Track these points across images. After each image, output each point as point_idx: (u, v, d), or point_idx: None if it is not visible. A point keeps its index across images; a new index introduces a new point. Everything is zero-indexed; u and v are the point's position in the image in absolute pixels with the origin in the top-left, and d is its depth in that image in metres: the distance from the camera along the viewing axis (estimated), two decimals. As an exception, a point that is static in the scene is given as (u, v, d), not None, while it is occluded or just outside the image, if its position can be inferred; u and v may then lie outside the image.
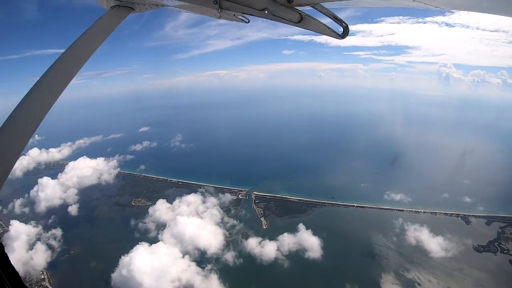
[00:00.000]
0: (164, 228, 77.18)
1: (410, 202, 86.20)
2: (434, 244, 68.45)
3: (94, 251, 72.42)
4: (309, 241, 70.05)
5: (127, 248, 67.32)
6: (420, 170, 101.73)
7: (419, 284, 59.34)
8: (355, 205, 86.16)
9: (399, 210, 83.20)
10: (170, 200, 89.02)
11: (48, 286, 62.97)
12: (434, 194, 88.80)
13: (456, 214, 79.82)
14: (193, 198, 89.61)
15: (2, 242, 2.85)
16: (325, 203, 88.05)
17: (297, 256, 68.21)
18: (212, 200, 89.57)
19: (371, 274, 62.04)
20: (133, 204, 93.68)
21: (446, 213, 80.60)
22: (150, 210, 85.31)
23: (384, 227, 76.32)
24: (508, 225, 74.10)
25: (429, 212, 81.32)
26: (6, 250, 3.09)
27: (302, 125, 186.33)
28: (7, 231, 78.69)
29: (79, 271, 66.61)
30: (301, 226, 74.53)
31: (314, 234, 71.83)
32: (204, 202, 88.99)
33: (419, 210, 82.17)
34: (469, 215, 78.92)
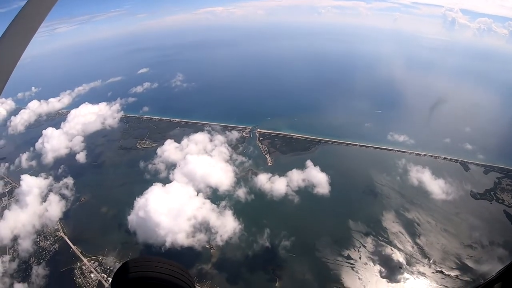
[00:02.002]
0: (174, 168, 77.20)
1: (413, 144, 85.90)
2: (435, 187, 69.25)
3: (104, 196, 73.41)
4: (317, 177, 70.83)
5: (138, 190, 67.66)
6: (423, 114, 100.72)
7: (418, 225, 60.83)
8: (358, 144, 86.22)
9: (400, 151, 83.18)
10: (178, 140, 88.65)
11: (63, 235, 63.86)
12: (436, 138, 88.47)
13: (456, 159, 79.93)
14: (200, 137, 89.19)
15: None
16: (328, 141, 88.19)
17: (306, 191, 69.42)
18: (219, 138, 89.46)
19: (373, 212, 63.55)
20: (138, 146, 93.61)
21: (446, 158, 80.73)
22: (159, 150, 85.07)
23: (386, 167, 77.01)
24: (505, 176, 74.26)
25: (429, 155, 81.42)
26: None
27: (303, 63, 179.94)
28: (17, 187, 78.06)
29: (91, 217, 67.80)
30: (309, 163, 74.95)
31: (322, 170, 72.59)
32: (211, 140, 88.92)
33: (420, 153, 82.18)
34: (469, 162, 78.96)
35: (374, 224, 60.66)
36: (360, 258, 54.51)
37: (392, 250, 55.64)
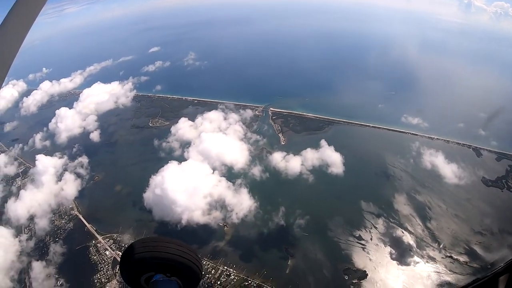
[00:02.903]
0: (189, 146, 76.96)
1: (427, 127, 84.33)
2: (448, 171, 68.29)
3: (118, 175, 73.75)
4: (332, 157, 70.49)
5: (153, 168, 67.97)
6: (437, 97, 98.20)
7: (429, 208, 60.37)
8: (371, 125, 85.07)
9: (413, 134, 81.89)
10: (192, 118, 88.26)
11: (78, 214, 64.54)
12: (450, 122, 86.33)
13: (468, 145, 78.29)
14: (214, 115, 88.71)
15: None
16: (341, 121, 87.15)
17: (320, 171, 69.18)
18: (233, 116, 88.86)
19: (385, 193, 63.11)
20: (150, 125, 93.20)
21: (458, 143, 79.16)
22: (173, 129, 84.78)
23: (399, 149, 76.11)
24: (518, 164, 72.23)
25: (442, 139, 79.84)
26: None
27: (316, 42, 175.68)
28: (31, 167, 78.43)
29: (105, 196, 68.33)
30: (323, 142, 74.58)
31: (337, 150, 72.10)
32: (225, 118, 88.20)
33: (432, 137, 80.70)
34: (481, 148, 77.15)
35: (386, 206, 60.44)
36: (371, 239, 54.61)
37: (403, 232, 55.62)
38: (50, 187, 70.36)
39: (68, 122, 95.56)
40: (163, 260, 3.62)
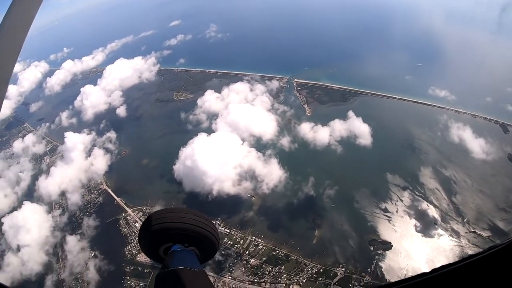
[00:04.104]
0: (216, 118, 76.75)
1: (454, 100, 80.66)
2: (475, 146, 66.25)
3: (145, 148, 74.48)
4: (360, 128, 69.52)
5: (180, 140, 68.56)
6: (465, 69, 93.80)
7: (454, 183, 59.15)
8: (397, 97, 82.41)
9: (440, 107, 78.74)
10: (216, 90, 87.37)
11: (106, 188, 65.92)
12: (477, 96, 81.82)
13: (495, 120, 74.58)
14: (240, 87, 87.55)
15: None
16: (367, 92, 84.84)
17: (348, 142, 68.47)
18: (259, 88, 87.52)
19: (411, 166, 62.13)
20: (174, 98, 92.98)
21: (485, 118, 75.53)
22: (199, 101, 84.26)
23: (426, 122, 74.11)
24: (545, 142, 68.39)
25: (469, 113, 76.33)
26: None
27: (340, 11, 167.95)
28: (58, 145, 79.82)
29: (133, 170, 69.43)
30: (351, 113, 73.34)
31: (364, 121, 70.95)
32: (252, 90, 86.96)
33: (459, 110, 77.24)
34: (509, 124, 73.44)
35: (412, 179, 59.76)
36: (397, 211, 54.64)
37: (428, 206, 55.24)
38: (79, 163, 72.18)
39: (94, 99, 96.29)
40: (180, 230, 3.69)
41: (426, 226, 53.21)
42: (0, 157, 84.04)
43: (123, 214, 60.03)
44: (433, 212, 55.10)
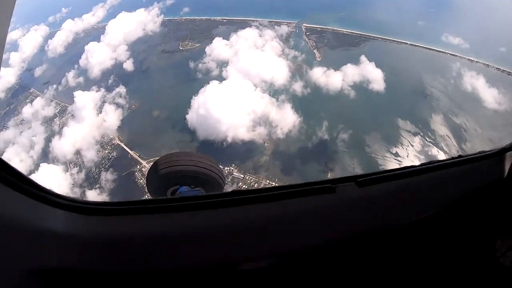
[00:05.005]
0: (226, 65, 74.58)
1: (468, 48, 76.88)
2: (488, 95, 64.67)
3: (154, 100, 72.91)
4: (373, 73, 68.16)
5: (191, 90, 67.44)
6: (479, 17, 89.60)
7: (465, 131, 58.83)
8: (409, 43, 79.03)
9: (452, 54, 75.41)
10: (224, 38, 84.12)
11: (119, 143, 65.34)
12: (491, 45, 77.76)
13: (508, 72, 70.95)
14: (249, 33, 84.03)
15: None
16: (378, 37, 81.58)
17: (361, 87, 67.29)
18: (269, 33, 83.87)
19: (422, 113, 61.44)
20: (181, 48, 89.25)
21: (498, 68, 71.97)
22: (207, 49, 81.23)
23: (438, 69, 71.79)
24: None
25: (482, 63, 72.98)
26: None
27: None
28: (67, 105, 77.73)
29: (144, 122, 68.35)
30: (363, 58, 71.57)
31: (377, 66, 69.31)
32: (261, 35, 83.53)
33: (472, 59, 73.85)
34: None
35: (423, 125, 59.35)
36: (407, 156, 54.69)
37: (438, 151, 55.44)
38: (91, 121, 70.94)
39: (99, 55, 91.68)
40: (185, 172, 3.80)
41: (436, 172, 53.77)
42: (11, 124, 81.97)
43: (138, 166, 60.11)
44: (443, 158, 55.14)
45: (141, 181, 57.68)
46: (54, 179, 60.82)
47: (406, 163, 53.88)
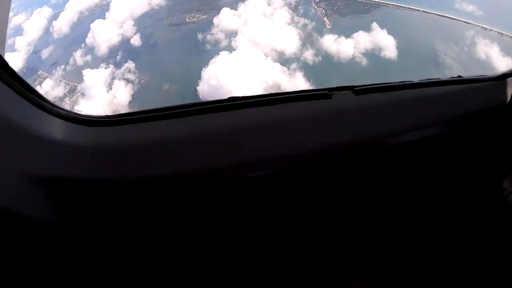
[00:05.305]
0: (235, 36, 73.27)
1: (481, 16, 72.99)
2: (501, 64, 61.61)
3: (164, 74, 71.60)
4: (385, 40, 67.02)
5: (199, 62, 66.57)
6: None
7: None
8: (421, 9, 76.33)
9: (466, 22, 72.30)
10: (232, 7, 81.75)
11: None
12: (507, 13, 72.64)
13: None
14: (257, 2, 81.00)
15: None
16: (389, 4, 78.92)
17: (373, 54, 66.35)
18: (277, 1, 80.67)
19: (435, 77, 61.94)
20: (187, 20, 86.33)
21: None
22: (215, 20, 79.35)
23: (451, 37, 69.32)
24: None
25: (496, 31, 69.20)
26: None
27: None
28: (77, 84, 75.54)
29: (155, 96, 66.89)
30: (375, 25, 70.09)
31: (389, 33, 68.03)
32: (269, 4, 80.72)
33: (486, 27, 70.25)
34: None
35: None
36: None
37: None
38: (102, 98, 70.14)
39: (105, 32, 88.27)
40: None
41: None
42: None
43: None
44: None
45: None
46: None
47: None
